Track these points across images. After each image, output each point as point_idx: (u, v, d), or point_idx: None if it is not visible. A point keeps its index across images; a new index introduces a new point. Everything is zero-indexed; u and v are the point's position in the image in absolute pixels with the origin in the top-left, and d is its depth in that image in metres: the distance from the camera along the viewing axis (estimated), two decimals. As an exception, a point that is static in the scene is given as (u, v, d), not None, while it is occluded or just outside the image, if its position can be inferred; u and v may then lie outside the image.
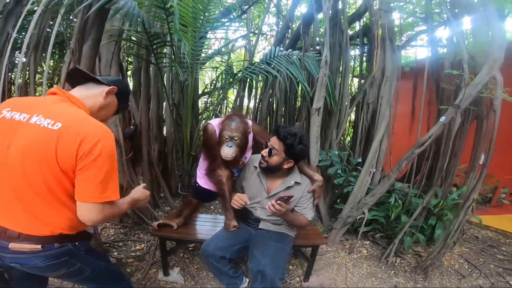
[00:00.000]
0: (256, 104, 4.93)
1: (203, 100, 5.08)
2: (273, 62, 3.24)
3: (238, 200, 1.75)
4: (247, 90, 4.60)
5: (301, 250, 2.35)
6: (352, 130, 4.61)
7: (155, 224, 2.09)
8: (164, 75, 3.67)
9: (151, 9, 2.56)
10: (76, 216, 1.01)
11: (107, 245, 2.53)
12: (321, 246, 2.76)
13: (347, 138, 5.76)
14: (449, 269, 2.57)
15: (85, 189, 0.96)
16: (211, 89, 4.71)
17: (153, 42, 2.72)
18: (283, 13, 5.22)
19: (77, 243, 1.10)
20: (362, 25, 4.34)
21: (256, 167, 1.88)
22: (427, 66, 2.94)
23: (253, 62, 3.71)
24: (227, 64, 4.15)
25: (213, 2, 2.54)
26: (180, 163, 3.61)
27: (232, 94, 6.05)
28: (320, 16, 3.79)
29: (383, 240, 2.91)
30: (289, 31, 4.65)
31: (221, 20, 3.04)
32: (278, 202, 1.54)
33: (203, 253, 1.87)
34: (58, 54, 4.68)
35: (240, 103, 4.94)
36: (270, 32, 6.00)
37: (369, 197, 2.82)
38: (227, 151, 1.75)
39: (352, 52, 5.57)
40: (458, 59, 2.73)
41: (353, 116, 4.38)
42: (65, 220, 1.03)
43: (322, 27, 3.31)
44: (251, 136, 1.95)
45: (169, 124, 3.88)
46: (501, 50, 2.17)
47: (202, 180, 2.07)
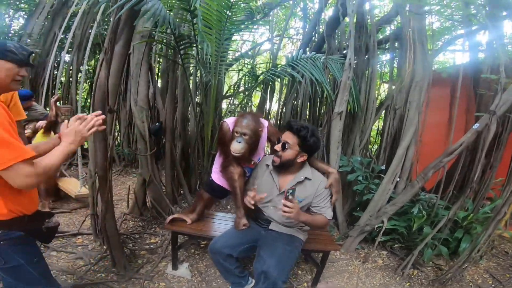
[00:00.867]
0: (280, 108, 4.93)
1: (228, 102, 5.18)
2: (298, 66, 3.23)
3: (254, 197, 1.69)
4: (269, 93, 4.61)
5: (312, 255, 2.29)
6: (379, 137, 4.42)
7: (169, 219, 2.16)
8: (191, 76, 3.80)
9: (179, 11, 2.68)
10: None
11: (124, 237, 2.64)
12: (334, 253, 2.67)
13: (374, 146, 5.55)
14: (471, 284, 2.39)
15: None
16: (235, 91, 4.79)
17: (179, 43, 2.84)
18: (310, 17, 5.18)
19: None
20: (394, 29, 4.17)
21: (269, 165, 1.87)
22: (463, 71, 2.77)
23: (277, 65, 3.72)
24: (251, 67, 4.20)
25: (237, 5, 2.59)
26: (201, 162, 3.70)
27: (258, 97, 6.10)
28: (347, 20, 3.72)
29: (402, 251, 2.76)
30: (316, 35, 4.60)
31: (245, 23, 3.08)
32: (290, 199, 1.51)
33: (211, 250, 1.89)
34: (98, 54, 5.01)
35: (264, 106, 4.96)
36: (297, 36, 5.99)
37: (390, 206, 2.67)
38: (236, 146, 1.76)
39: (384, 57, 5.41)
40: (498, 64, 2.53)
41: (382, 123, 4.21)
42: None
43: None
44: (265, 136, 1.95)
45: (193, 124, 4.01)
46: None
47: (216, 175, 2.10)
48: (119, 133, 5.49)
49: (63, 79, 5.65)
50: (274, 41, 4.82)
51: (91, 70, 5.78)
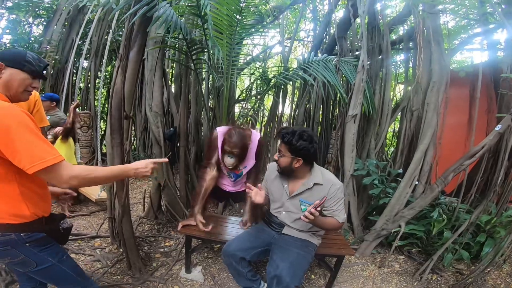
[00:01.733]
0: (292, 111, 4.89)
1: (240, 106, 5.19)
2: (310, 68, 3.19)
3: (257, 193, 1.80)
4: (282, 96, 4.60)
5: (325, 260, 2.24)
6: (395, 140, 4.31)
7: (180, 225, 2.19)
8: (203, 81, 3.85)
9: (189, 17, 2.72)
10: (18, 206, 1.05)
11: (140, 240, 2.69)
12: (349, 258, 2.61)
13: (391, 149, 5.40)
14: (493, 288, 2.27)
15: (20, 162, 0.97)
16: (247, 95, 4.80)
17: (191, 48, 2.89)
18: (320, 19, 5.14)
19: (23, 234, 1.09)
20: (407, 29, 4.08)
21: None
22: (482, 71, 2.66)
23: (288, 68, 3.70)
24: (262, 70, 4.21)
25: (247, 9, 2.61)
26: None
27: (270, 101, 6.10)
28: (359, 21, 3.67)
29: (420, 256, 2.66)
30: (327, 36, 4.56)
31: (256, 26, 3.10)
32: (318, 210, 1.49)
33: (224, 253, 1.89)
34: (114, 60, 5.13)
35: (276, 110, 4.94)
36: (308, 38, 5.96)
37: (408, 210, 2.59)
38: (229, 162, 2.00)
39: (398, 58, 5.29)
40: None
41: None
42: (8, 209, 1.05)
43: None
44: (254, 146, 2.07)
45: (206, 128, 4.04)
46: None
47: None
48: (135, 138, 5.62)
49: (82, 85, 5.85)
50: (285, 44, 4.82)
51: (108, 76, 5.95)
